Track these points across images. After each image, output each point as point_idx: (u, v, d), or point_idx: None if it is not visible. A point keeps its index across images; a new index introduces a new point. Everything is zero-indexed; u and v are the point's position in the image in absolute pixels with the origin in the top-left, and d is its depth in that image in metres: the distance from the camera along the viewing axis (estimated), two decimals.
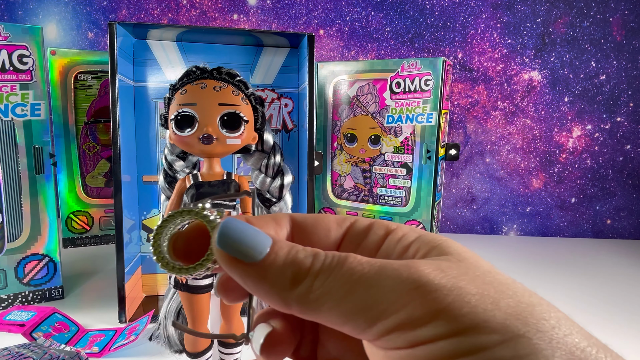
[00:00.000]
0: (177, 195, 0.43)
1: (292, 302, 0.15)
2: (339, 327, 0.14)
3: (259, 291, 0.15)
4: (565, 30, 1.05)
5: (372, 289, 0.14)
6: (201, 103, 0.40)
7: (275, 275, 0.15)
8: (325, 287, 0.14)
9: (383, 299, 0.13)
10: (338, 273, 0.14)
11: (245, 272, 0.15)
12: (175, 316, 0.48)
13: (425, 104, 0.83)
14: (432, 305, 0.13)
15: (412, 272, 0.14)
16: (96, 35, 1.09)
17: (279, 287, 0.15)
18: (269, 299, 0.15)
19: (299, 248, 0.16)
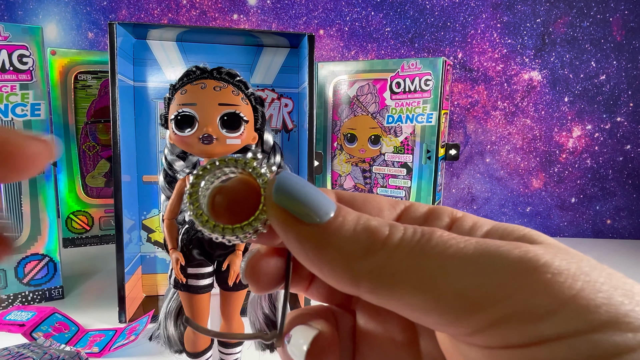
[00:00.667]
0: (177, 195, 0.43)
1: (364, 277, 0.12)
2: (422, 314, 0.12)
3: (321, 260, 0.13)
4: (565, 30, 1.05)
5: (472, 269, 0.11)
6: (201, 103, 0.40)
7: (343, 241, 0.12)
8: (409, 261, 0.12)
9: (487, 283, 0.11)
10: (426, 246, 0.12)
11: (305, 235, 0.13)
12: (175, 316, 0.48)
13: (425, 104, 0.83)
14: (556, 292, 0.10)
15: (524, 252, 0.11)
16: (96, 35, 1.08)
17: (347, 256, 0.12)
18: (333, 271, 0.12)
19: (369, 216, 0.13)
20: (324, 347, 0.14)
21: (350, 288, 0.13)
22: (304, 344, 0.14)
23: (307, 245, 0.13)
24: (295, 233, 0.13)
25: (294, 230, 0.13)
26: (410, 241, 0.12)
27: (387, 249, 0.12)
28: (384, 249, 0.12)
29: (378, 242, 0.12)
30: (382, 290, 0.12)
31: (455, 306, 0.11)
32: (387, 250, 0.12)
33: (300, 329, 0.15)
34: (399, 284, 0.12)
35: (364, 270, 0.12)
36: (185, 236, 0.42)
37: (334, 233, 0.13)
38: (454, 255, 0.11)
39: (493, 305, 0.11)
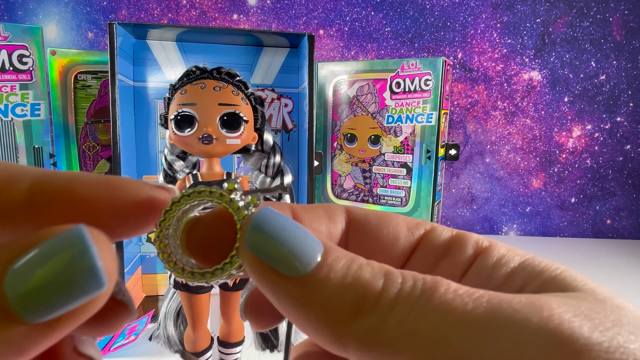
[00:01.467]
0: None
1: (351, 342, 0.10)
2: None
3: (301, 319, 0.11)
4: (565, 30, 1.05)
5: (482, 341, 0.09)
6: (201, 103, 0.40)
7: (327, 298, 0.10)
8: (406, 326, 0.10)
9: (502, 356, 0.09)
10: (426, 307, 0.10)
11: (283, 290, 0.11)
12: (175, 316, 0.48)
13: (425, 104, 0.83)
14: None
15: (547, 318, 0.09)
16: (96, 35, 1.09)
17: (332, 318, 0.10)
18: (315, 333, 0.11)
19: (363, 262, 0.11)
20: None
21: (336, 351, 0.11)
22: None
23: (285, 302, 0.11)
24: (271, 287, 0.11)
25: (270, 284, 0.11)
26: (407, 299, 0.10)
27: (380, 309, 0.10)
28: (376, 309, 0.10)
29: (370, 299, 0.10)
30: (371, 357, 0.10)
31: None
32: (380, 310, 0.10)
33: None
34: (394, 355, 0.10)
35: (351, 335, 0.10)
36: None
37: (316, 288, 0.10)
38: (460, 320, 0.10)
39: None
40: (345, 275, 0.11)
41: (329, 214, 0.14)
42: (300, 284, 0.10)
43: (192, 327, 0.43)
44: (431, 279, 0.10)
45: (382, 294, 0.10)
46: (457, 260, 0.13)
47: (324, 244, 0.11)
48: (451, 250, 0.13)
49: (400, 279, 0.10)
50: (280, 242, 0.11)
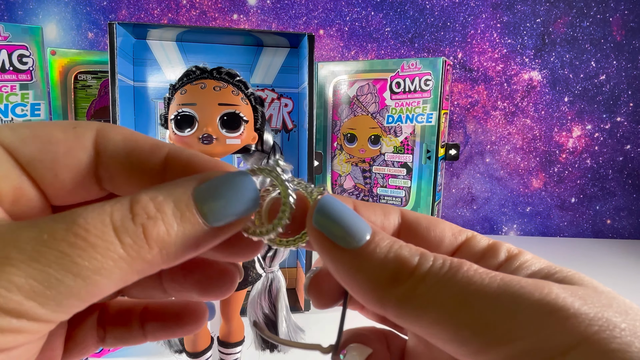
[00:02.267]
0: None
1: (389, 303, 0.13)
2: (442, 342, 0.12)
3: (352, 283, 0.14)
4: (565, 30, 1.05)
5: (492, 306, 0.12)
6: (201, 103, 0.40)
7: (373, 267, 0.13)
8: (433, 293, 0.12)
9: (506, 321, 0.11)
10: (451, 280, 0.12)
11: (340, 258, 0.14)
12: None
13: (425, 104, 0.83)
14: (571, 331, 0.11)
15: (545, 294, 0.12)
16: (96, 35, 1.09)
17: (375, 282, 0.13)
18: (362, 294, 0.13)
19: (402, 243, 0.14)
20: None
21: (378, 310, 0.13)
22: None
23: (340, 268, 0.14)
24: (330, 256, 0.14)
25: (330, 253, 0.14)
26: (437, 273, 0.13)
27: (414, 279, 0.13)
28: (411, 278, 0.13)
29: (406, 271, 0.13)
30: (406, 317, 0.13)
31: (473, 340, 0.12)
32: (414, 280, 0.13)
33: (356, 346, 0.16)
34: (423, 315, 0.12)
35: (390, 297, 0.13)
36: None
37: (366, 258, 0.13)
38: (477, 291, 0.12)
39: (510, 343, 0.11)
40: (388, 251, 0.13)
41: (384, 211, 0.16)
42: (353, 254, 0.13)
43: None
44: (457, 260, 0.13)
45: (417, 267, 0.13)
46: (490, 263, 0.15)
47: (372, 227, 0.14)
48: (486, 255, 0.16)
49: (432, 257, 0.13)
50: (339, 221, 0.14)
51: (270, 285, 0.49)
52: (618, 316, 0.11)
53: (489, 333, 0.11)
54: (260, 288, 0.48)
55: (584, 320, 0.11)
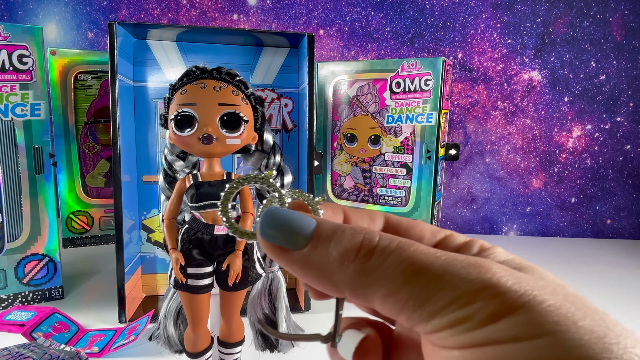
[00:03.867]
0: (176, 195, 0.43)
1: (343, 285, 0.14)
2: (393, 315, 0.14)
3: (308, 278, 0.15)
4: (565, 30, 1.05)
5: (433, 282, 0.13)
6: (201, 103, 0.40)
7: (319, 258, 0.14)
8: (381, 271, 0.13)
9: (444, 296, 0.12)
10: (397, 258, 0.13)
11: (291, 261, 0.15)
12: (175, 316, 0.48)
13: (425, 104, 0.83)
14: (502, 305, 0.12)
15: (482, 272, 0.13)
16: (96, 35, 1.08)
17: (326, 271, 0.14)
18: (319, 285, 0.15)
19: (346, 227, 0.15)
20: (368, 348, 0.17)
21: (337, 295, 0.15)
22: (353, 344, 0.16)
23: (295, 269, 0.15)
24: (283, 262, 0.15)
25: (282, 259, 0.15)
26: (383, 252, 0.14)
27: (360, 259, 0.14)
28: (357, 259, 0.14)
29: (351, 252, 0.14)
30: (360, 296, 0.14)
31: (417, 312, 0.13)
32: (360, 260, 0.14)
33: (351, 332, 0.17)
34: (375, 292, 0.13)
35: (342, 281, 0.14)
36: (185, 236, 0.42)
37: (313, 253, 0.14)
38: (421, 269, 0.13)
39: (448, 314, 0.12)
40: (331, 239, 0.14)
41: (370, 216, 0.18)
42: (301, 253, 0.14)
43: (192, 327, 0.43)
44: (406, 241, 0.14)
45: (361, 247, 0.14)
46: None
47: (317, 220, 0.15)
48: (461, 250, 0.17)
49: (377, 236, 0.14)
50: (281, 229, 0.15)
51: (270, 285, 0.49)
52: (548, 295, 0.12)
53: (431, 305, 0.13)
54: (260, 288, 0.48)
55: (513, 295, 0.12)
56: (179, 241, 0.42)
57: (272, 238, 0.15)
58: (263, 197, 0.48)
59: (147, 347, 0.54)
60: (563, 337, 0.11)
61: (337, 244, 0.14)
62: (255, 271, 0.44)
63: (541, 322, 0.11)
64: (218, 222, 0.42)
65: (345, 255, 0.14)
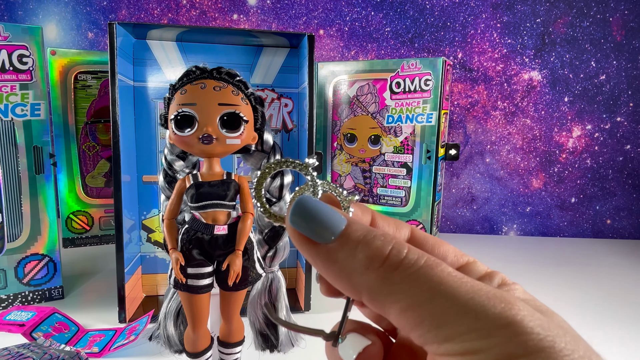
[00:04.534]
0: (176, 195, 0.43)
1: (363, 289, 0.14)
2: (407, 330, 0.14)
3: (328, 274, 0.15)
4: (565, 30, 1.05)
5: (455, 306, 0.13)
6: (201, 103, 0.40)
7: (345, 257, 0.14)
8: (405, 284, 0.13)
9: (464, 322, 0.12)
10: (424, 275, 0.13)
11: (315, 254, 0.15)
12: (175, 316, 0.48)
13: (425, 104, 0.83)
14: (521, 346, 0.12)
15: (507, 307, 0.12)
16: (96, 35, 1.09)
17: (349, 271, 0.14)
18: (338, 283, 0.15)
19: (378, 233, 0.14)
20: (371, 356, 0.16)
21: (353, 296, 0.15)
22: (357, 349, 0.16)
23: (317, 262, 0.15)
24: (307, 252, 0.15)
25: (306, 250, 0.15)
26: (409, 266, 0.14)
27: (386, 268, 0.14)
28: (383, 267, 0.14)
29: (378, 260, 0.14)
30: (378, 303, 0.14)
31: (432, 332, 0.13)
32: (386, 269, 0.14)
33: (356, 336, 0.17)
34: (393, 303, 0.13)
35: (363, 285, 0.14)
36: (185, 236, 0.42)
37: (340, 250, 0.14)
38: (446, 291, 0.13)
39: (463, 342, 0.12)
40: (360, 241, 0.14)
41: (397, 225, 0.18)
42: (327, 248, 0.14)
43: (192, 327, 0.43)
44: (435, 259, 0.14)
45: (389, 256, 0.14)
46: None
47: (348, 219, 0.15)
48: (482, 279, 0.16)
49: (406, 249, 0.14)
50: (312, 218, 0.15)
51: (270, 285, 0.49)
52: (568, 344, 0.12)
53: (449, 329, 0.12)
54: (260, 288, 0.48)
55: (535, 338, 0.12)
56: (179, 241, 0.42)
57: (301, 227, 0.15)
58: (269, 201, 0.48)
59: (147, 347, 0.54)
60: None
61: (366, 248, 0.14)
62: (255, 271, 0.44)
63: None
64: (218, 222, 0.42)
65: (372, 261, 0.14)
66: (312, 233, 0.15)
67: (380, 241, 0.14)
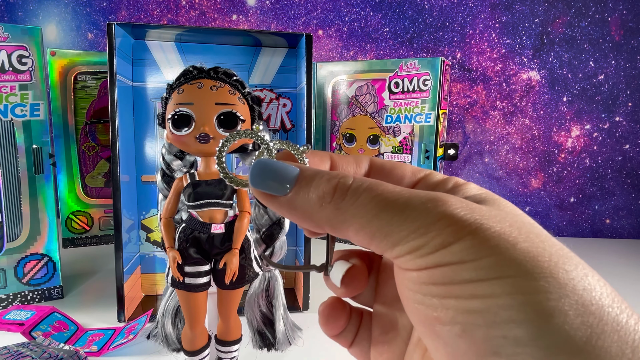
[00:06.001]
0: (174, 194, 0.43)
1: (323, 223, 0.16)
2: (365, 245, 0.16)
3: (294, 218, 0.17)
4: (563, 30, 1.05)
5: (396, 216, 0.15)
6: (198, 102, 0.40)
7: (302, 201, 0.16)
8: (353, 209, 0.15)
9: (405, 227, 0.14)
10: (367, 197, 0.15)
11: (279, 205, 0.17)
12: (173, 315, 0.48)
13: (424, 104, 0.83)
14: (453, 234, 0.14)
15: (438, 205, 0.14)
16: (96, 36, 1.09)
17: (308, 211, 0.16)
18: (304, 224, 0.17)
19: (325, 173, 0.17)
20: (354, 274, 0.19)
21: (320, 231, 0.17)
22: (340, 272, 0.19)
23: (283, 211, 0.17)
24: (271, 206, 0.17)
25: (270, 204, 0.17)
26: (355, 192, 0.16)
27: (336, 199, 0.16)
28: (333, 199, 0.16)
29: (328, 194, 0.16)
30: (337, 230, 0.16)
31: (383, 242, 0.15)
32: (336, 200, 0.16)
33: (339, 262, 0.20)
34: (349, 227, 0.16)
35: (322, 219, 0.16)
36: (182, 235, 0.42)
37: (295, 198, 0.17)
38: (387, 205, 0.15)
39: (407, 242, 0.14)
40: (311, 185, 0.16)
41: (356, 160, 0.20)
42: (286, 198, 0.17)
43: (189, 325, 0.44)
44: (375, 182, 0.16)
45: (336, 189, 0.16)
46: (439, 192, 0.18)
47: (300, 168, 0.17)
48: (438, 187, 0.19)
49: (350, 179, 0.16)
50: (268, 178, 0.17)
51: (267, 284, 0.49)
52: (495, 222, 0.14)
53: (394, 235, 0.15)
54: (258, 287, 0.49)
55: (463, 224, 0.14)
56: (176, 240, 0.43)
57: (261, 186, 0.17)
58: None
59: (146, 346, 0.54)
60: (500, 258, 0.13)
61: (316, 189, 0.16)
62: (252, 269, 0.45)
63: (484, 246, 0.13)
64: (215, 220, 0.42)
65: (323, 197, 0.16)
66: (271, 189, 0.17)
67: (327, 179, 0.16)
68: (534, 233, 0.14)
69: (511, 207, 0.16)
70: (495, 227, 0.14)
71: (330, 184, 0.16)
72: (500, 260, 0.13)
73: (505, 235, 0.13)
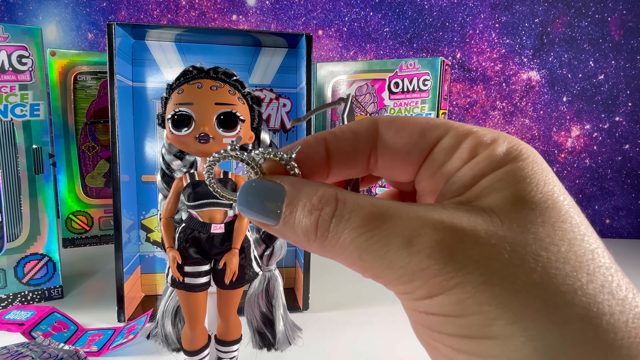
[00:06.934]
0: (174, 194, 0.43)
1: (314, 251, 0.17)
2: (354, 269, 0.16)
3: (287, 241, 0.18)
4: (563, 30, 1.05)
5: (378, 260, 0.15)
6: (198, 102, 0.40)
7: (290, 234, 0.17)
8: (337, 249, 0.16)
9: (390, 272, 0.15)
10: (348, 237, 0.15)
11: (271, 232, 0.17)
12: (172, 315, 0.48)
13: (424, 104, 0.83)
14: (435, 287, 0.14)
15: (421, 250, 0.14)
16: (96, 36, 1.09)
17: (298, 242, 0.17)
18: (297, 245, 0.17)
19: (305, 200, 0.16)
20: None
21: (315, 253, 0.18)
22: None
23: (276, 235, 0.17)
24: (266, 230, 0.17)
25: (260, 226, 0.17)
26: (336, 230, 0.15)
27: (318, 241, 0.16)
28: (317, 240, 0.16)
29: (311, 235, 0.16)
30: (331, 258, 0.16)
31: (376, 279, 0.15)
32: (319, 241, 0.16)
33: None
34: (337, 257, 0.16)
35: (312, 249, 0.16)
36: (182, 235, 0.42)
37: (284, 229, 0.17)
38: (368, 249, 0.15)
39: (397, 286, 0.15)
40: (296, 223, 0.16)
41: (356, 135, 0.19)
42: (276, 229, 0.17)
43: (189, 325, 0.44)
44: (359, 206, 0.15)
45: (318, 227, 0.16)
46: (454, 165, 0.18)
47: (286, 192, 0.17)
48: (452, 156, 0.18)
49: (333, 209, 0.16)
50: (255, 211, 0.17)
51: (267, 284, 0.49)
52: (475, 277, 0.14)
53: (381, 280, 0.15)
54: (258, 287, 0.49)
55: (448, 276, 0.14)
56: (176, 240, 0.43)
57: (250, 215, 0.17)
58: None
59: (145, 346, 0.54)
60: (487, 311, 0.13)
61: (299, 223, 0.16)
62: (252, 269, 0.45)
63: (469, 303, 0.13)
64: (215, 220, 0.42)
65: (308, 236, 0.16)
66: (260, 219, 0.17)
67: (308, 211, 0.16)
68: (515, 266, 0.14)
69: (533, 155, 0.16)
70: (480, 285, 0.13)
71: (312, 218, 0.16)
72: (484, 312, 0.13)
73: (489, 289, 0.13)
